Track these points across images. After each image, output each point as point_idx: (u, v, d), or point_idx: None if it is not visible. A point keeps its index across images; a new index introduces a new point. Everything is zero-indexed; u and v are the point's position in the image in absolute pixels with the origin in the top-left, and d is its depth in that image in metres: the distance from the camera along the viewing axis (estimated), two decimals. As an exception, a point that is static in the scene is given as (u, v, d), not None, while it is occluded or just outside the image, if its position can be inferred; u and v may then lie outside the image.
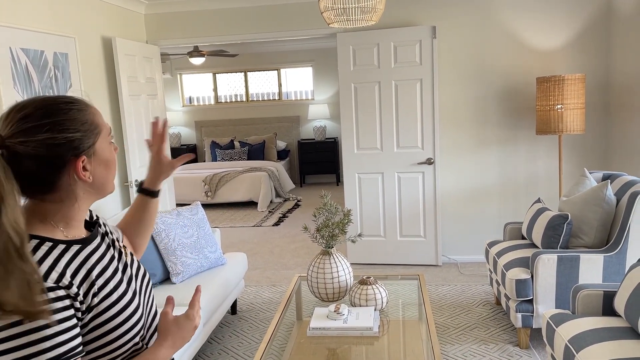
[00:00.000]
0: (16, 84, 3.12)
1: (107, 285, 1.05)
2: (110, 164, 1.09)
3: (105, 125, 1.09)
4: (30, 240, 0.98)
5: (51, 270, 0.96)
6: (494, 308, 3.75)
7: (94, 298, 1.01)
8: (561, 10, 4.36)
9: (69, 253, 1.02)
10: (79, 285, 0.99)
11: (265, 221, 6.84)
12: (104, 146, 1.08)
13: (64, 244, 1.02)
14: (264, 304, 4.06)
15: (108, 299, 1.03)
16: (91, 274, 1.03)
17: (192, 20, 4.83)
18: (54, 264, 0.97)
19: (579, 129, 4.02)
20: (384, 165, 4.70)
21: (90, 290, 1.01)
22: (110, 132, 1.11)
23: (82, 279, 1.01)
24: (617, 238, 2.97)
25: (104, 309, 1.02)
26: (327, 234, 2.97)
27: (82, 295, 0.99)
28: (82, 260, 1.03)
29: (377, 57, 4.54)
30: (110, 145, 1.10)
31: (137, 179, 4.34)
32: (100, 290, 1.03)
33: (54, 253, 0.99)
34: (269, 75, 9.51)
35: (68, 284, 0.97)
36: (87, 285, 1.01)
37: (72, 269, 1.00)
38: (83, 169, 1.03)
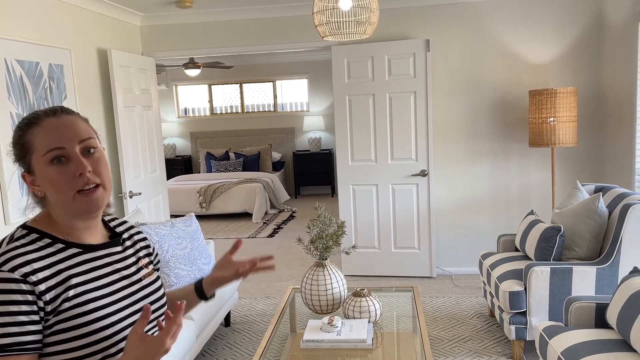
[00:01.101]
0: (10, 95, 3.12)
1: (86, 294, 1.05)
2: (53, 184, 1.05)
3: (41, 144, 1.05)
4: (32, 233, 1.06)
5: (26, 264, 0.99)
6: (488, 320, 3.75)
7: (65, 302, 1.02)
8: (553, 24, 4.42)
9: (61, 254, 1.05)
10: (51, 287, 1.01)
11: (259, 232, 6.83)
12: (39, 167, 1.06)
13: (63, 244, 1.07)
14: (258, 316, 4.04)
15: (81, 307, 1.03)
16: (71, 279, 1.04)
17: (187, 32, 4.86)
18: (35, 260, 1.01)
19: (571, 141, 4.06)
20: (378, 177, 4.71)
21: (63, 294, 1.02)
22: (47, 152, 1.05)
23: (59, 282, 1.03)
24: (610, 250, 2.98)
25: (73, 316, 1.02)
26: (321, 246, 2.97)
27: (51, 297, 1.00)
28: (70, 265, 1.05)
29: (372, 69, 4.58)
30: (51, 165, 1.05)
31: (132, 190, 4.33)
32: (76, 297, 1.03)
33: (45, 250, 1.04)
34: (264, 86, 9.55)
35: (36, 281, 0.99)
36: (61, 289, 1.02)
37: (54, 269, 1.03)
38: (32, 182, 1.09)
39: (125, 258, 1.18)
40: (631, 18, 3.85)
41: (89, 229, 1.13)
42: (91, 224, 1.13)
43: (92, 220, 1.13)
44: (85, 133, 1.09)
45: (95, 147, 1.10)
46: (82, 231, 1.12)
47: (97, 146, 1.11)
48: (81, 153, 1.07)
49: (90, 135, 1.10)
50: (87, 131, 1.10)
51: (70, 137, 1.06)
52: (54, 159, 1.04)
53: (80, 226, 1.11)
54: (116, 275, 1.13)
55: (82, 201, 1.06)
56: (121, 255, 1.18)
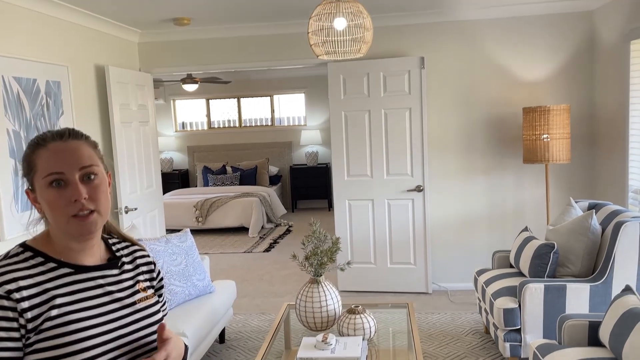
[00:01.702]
0: (7, 111, 3.14)
1: (70, 315, 1.06)
2: (48, 206, 1.08)
3: (43, 167, 1.08)
4: (26, 251, 1.10)
5: (12, 281, 1.02)
6: (484, 337, 3.74)
7: (47, 322, 1.03)
8: (546, 42, 4.47)
9: (51, 273, 1.08)
10: (34, 305, 1.03)
11: (256, 247, 6.83)
12: (39, 187, 1.10)
13: (56, 263, 1.09)
14: (253, 332, 4.03)
15: (63, 327, 1.04)
16: (56, 299, 1.06)
17: (185, 49, 4.91)
18: (22, 277, 1.03)
19: (564, 158, 4.09)
20: (374, 192, 4.73)
21: (45, 313, 1.03)
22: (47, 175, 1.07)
23: (44, 301, 1.04)
24: (603, 267, 3.00)
25: (54, 335, 1.03)
26: (315, 262, 2.97)
27: (33, 315, 1.02)
28: (58, 284, 1.07)
29: (367, 86, 4.62)
30: (50, 189, 1.07)
31: (127, 206, 4.34)
32: (59, 317, 1.05)
33: (35, 268, 1.06)
34: (261, 101, 9.60)
35: (20, 299, 1.01)
36: (44, 308, 1.04)
37: (40, 288, 1.05)
38: (34, 199, 1.13)
39: (120, 281, 1.18)
40: (623, 37, 3.90)
41: (85, 250, 1.14)
42: (86, 246, 1.14)
43: (86, 242, 1.14)
44: (87, 160, 1.11)
45: (96, 174, 1.12)
46: (78, 252, 1.13)
47: (98, 173, 1.12)
48: (80, 179, 1.09)
49: (92, 163, 1.12)
50: (90, 158, 1.12)
51: (72, 163, 1.08)
52: (53, 182, 1.07)
53: (76, 247, 1.13)
54: (107, 298, 1.13)
55: (76, 225, 1.08)
56: (116, 278, 1.18)
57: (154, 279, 1.29)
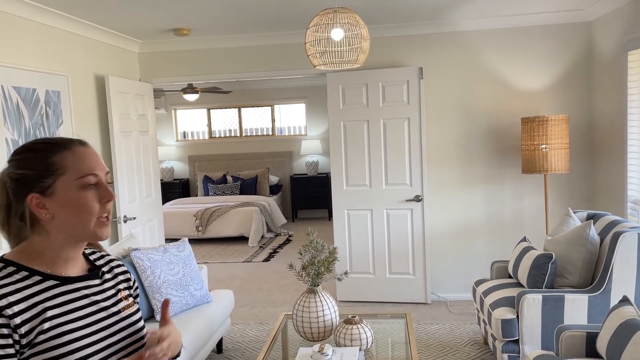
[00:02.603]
0: (7, 121, 3.16)
1: (61, 326, 1.06)
2: (79, 208, 1.08)
3: (76, 168, 1.09)
4: (9, 266, 1.06)
5: (2, 298, 1.01)
6: (482, 348, 3.72)
7: (40, 335, 1.03)
8: (544, 53, 4.49)
9: (38, 286, 1.06)
10: (26, 320, 1.02)
11: (255, 257, 6.81)
12: (68, 189, 1.09)
13: (41, 276, 1.08)
14: (251, 342, 4.01)
15: (56, 339, 1.04)
16: (47, 312, 1.05)
17: (185, 59, 4.93)
18: (11, 293, 1.02)
19: (563, 168, 4.09)
20: (373, 201, 4.73)
21: (38, 327, 1.03)
22: (82, 176, 1.09)
23: (35, 314, 1.04)
24: (601, 278, 2.98)
25: (48, 348, 1.03)
26: (312, 272, 2.97)
27: (26, 330, 1.02)
28: (46, 297, 1.07)
29: (366, 96, 4.63)
30: (83, 190, 1.09)
31: (126, 215, 4.34)
32: (51, 329, 1.04)
33: (21, 282, 1.04)
34: (262, 111, 9.64)
35: (12, 315, 1.00)
36: (37, 322, 1.03)
37: (30, 302, 1.04)
38: (39, 206, 1.08)
39: (103, 290, 1.19)
40: (620, 47, 3.91)
41: (71, 260, 1.15)
42: (76, 254, 1.15)
43: (81, 248, 1.16)
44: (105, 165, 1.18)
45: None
46: (65, 262, 1.13)
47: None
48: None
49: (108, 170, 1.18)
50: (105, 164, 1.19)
51: (101, 167, 1.14)
52: (88, 184, 1.10)
53: (68, 256, 1.13)
54: (94, 307, 1.14)
55: (100, 228, 1.12)
56: (100, 287, 1.19)
57: (131, 288, 1.31)
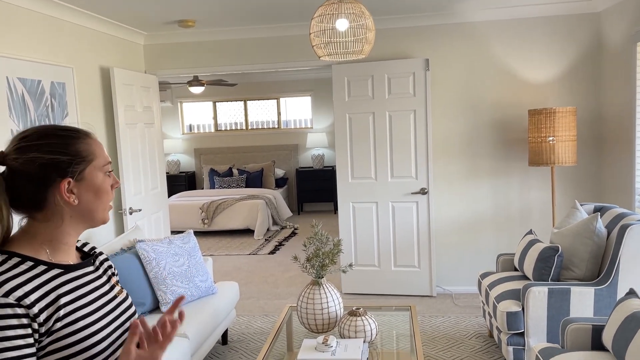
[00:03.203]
0: (12, 112, 3.17)
1: (75, 313, 1.08)
2: (101, 193, 1.14)
3: (102, 156, 1.15)
4: (13, 257, 1.05)
5: (17, 288, 1.01)
6: (487, 341, 3.71)
7: (57, 323, 1.04)
8: (552, 44, 4.44)
9: (46, 275, 1.07)
10: (43, 308, 1.03)
11: (261, 249, 6.82)
12: (96, 175, 1.13)
13: (46, 265, 1.08)
14: (256, 334, 4.02)
15: (72, 325, 1.06)
16: (60, 299, 1.06)
17: (190, 51, 4.92)
18: (24, 283, 1.02)
19: (570, 160, 4.05)
20: (378, 194, 4.71)
21: (54, 314, 1.04)
22: (106, 164, 1.16)
23: (50, 302, 1.04)
24: (608, 271, 2.96)
25: (65, 335, 1.05)
26: (317, 264, 2.96)
27: (44, 318, 1.02)
28: (56, 285, 1.08)
29: (372, 88, 4.61)
30: (106, 177, 1.15)
31: (132, 207, 4.35)
32: (66, 316, 1.06)
33: (30, 272, 1.05)
34: (268, 104, 9.62)
35: (30, 304, 1.01)
36: (52, 310, 1.04)
37: (43, 291, 1.04)
38: (68, 191, 1.09)
39: (99, 277, 1.21)
40: (629, 39, 3.86)
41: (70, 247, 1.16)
42: (74, 241, 1.17)
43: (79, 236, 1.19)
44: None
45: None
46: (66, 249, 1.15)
47: None
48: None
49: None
50: None
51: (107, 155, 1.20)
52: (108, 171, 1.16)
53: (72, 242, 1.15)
54: (95, 293, 1.16)
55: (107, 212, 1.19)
56: (95, 274, 1.21)
57: (115, 275, 1.32)
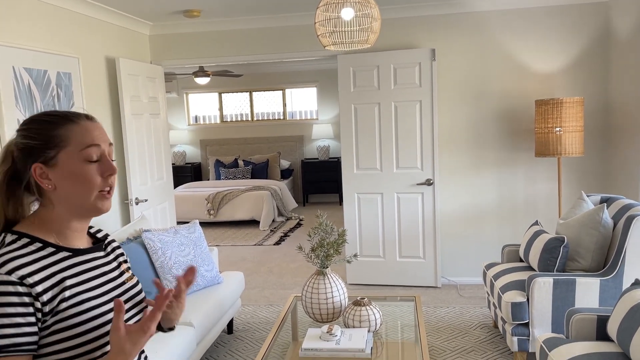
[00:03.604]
0: (18, 102, 3.18)
1: (81, 295, 1.09)
2: (81, 180, 1.10)
3: (79, 141, 1.10)
4: (22, 238, 1.08)
5: (22, 267, 1.02)
6: (492, 331, 3.71)
7: (62, 303, 1.05)
8: (560, 33, 4.40)
9: (53, 257, 1.09)
10: (47, 288, 1.04)
11: (266, 240, 6.84)
12: (70, 161, 1.10)
13: (54, 247, 1.10)
14: (261, 323, 4.04)
15: (78, 306, 1.07)
16: (66, 281, 1.08)
17: (196, 41, 4.92)
18: (30, 263, 1.04)
19: (577, 151, 4.03)
20: (384, 185, 4.71)
21: (59, 295, 1.05)
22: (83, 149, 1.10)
23: (55, 283, 1.06)
24: (614, 262, 2.95)
25: (70, 315, 1.06)
26: (321, 254, 2.97)
27: (48, 298, 1.03)
28: (63, 267, 1.09)
29: (377, 78, 4.59)
30: (85, 163, 1.10)
31: (138, 197, 4.37)
32: (72, 297, 1.07)
33: (37, 253, 1.07)
34: (274, 95, 9.61)
35: (33, 283, 1.02)
36: (57, 290, 1.05)
37: (49, 272, 1.06)
38: (41, 176, 1.10)
39: (109, 262, 1.23)
40: (639, 28, 3.82)
41: (78, 232, 1.17)
42: (83, 227, 1.18)
43: (87, 221, 1.18)
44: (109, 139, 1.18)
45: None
46: (73, 234, 1.16)
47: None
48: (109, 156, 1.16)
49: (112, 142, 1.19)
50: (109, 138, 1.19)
51: (104, 139, 1.15)
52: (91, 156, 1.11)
53: (75, 227, 1.15)
54: (103, 278, 1.18)
55: (101, 202, 1.13)
56: (105, 259, 1.22)
57: (127, 261, 1.33)
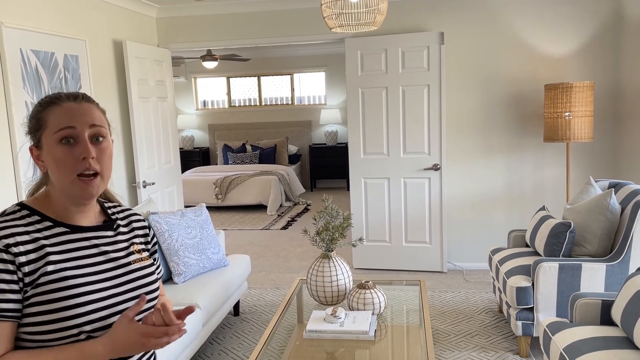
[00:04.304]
0: (26, 84, 3.19)
1: (65, 271, 1.09)
2: (57, 162, 1.09)
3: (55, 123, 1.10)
4: (23, 209, 1.12)
5: (10, 236, 1.05)
6: (497, 316, 3.72)
7: (43, 277, 1.06)
8: (571, 17, 4.34)
9: (46, 231, 1.11)
10: (31, 261, 1.06)
11: (273, 224, 6.87)
12: (49, 142, 1.10)
13: (52, 222, 1.12)
14: (267, 306, 4.08)
15: (58, 283, 1.07)
16: (50, 256, 1.08)
17: (203, 24, 4.90)
18: (20, 233, 1.07)
19: (587, 136, 3.99)
20: (390, 170, 4.70)
21: (41, 269, 1.07)
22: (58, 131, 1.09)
23: (40, 257, 1.07)
24: (620, 247, 2.93)
25: (49, 290, 1.06)
26: (327, 238, 2.98)
27: (29, 270, 1.05)
28: (52, 242, 1.10)
29: (385, 62, 4.55)
30: (59, 145, 1.09)
31: (145, 180, 4.40)
32: (55, 272, 1.08)
33: (31, 226, 1.10)
34: (282, 79, 9.58)
35: (17, 253, 1.04)
36: (40, 264, 1.07)
37: (37, 244, 1.08)
38: (36, 157, 1.14)
39: (115, 242, 1.21)
40: (651, 11, 3.75)
41: (82, 213, 1.18)
42: (83, 209, 1.18)
43: (84, 206, 1.17)
44: (98, 120, 1.14)
45: (104, 137, 1.14)
46: (75, 213, 1.16)
47: (106, 136, 1.15)
48: (90, 139, 1.12)
49: (101, 124, 1.14)
50: (100, 119, 1.14)
51: (84, 121, 1.11)
52: (63, 138, 1.09)
53: (74, 209, 1.16)
54: (102, 257, 1.17)
55: (79, 187, 1.10)
56: (112, 239, 1.21)
57: (148, 243, 1.32)
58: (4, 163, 3.09)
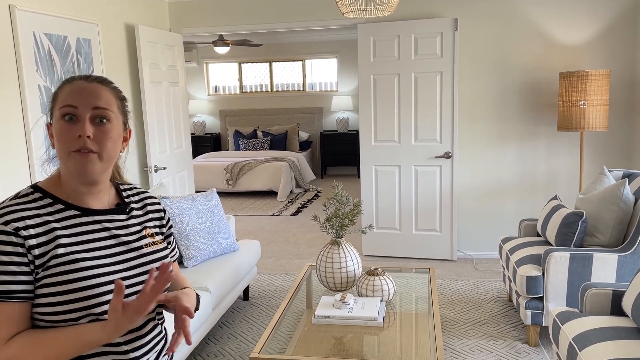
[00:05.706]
0: (39, 67, 3.21)
1: (76, 254, 1.10)
2: (57, 137, 1.11)
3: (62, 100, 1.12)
4: (36, 192, 1.13)
5: (20, 220, 1.06)
6: (506, 304, 3.71)
7: (53, 259, 1.07)
8: (587, 4, 4.26)
9: (58, 214, 1.12)
10: (41, 243, 1.07)
11: (284, 211, 6.89)
12: (56, 118, 1.13)
13: (64, 205, 1.13)
14: (276, 291, 4.11)
15: (69, 265, 1.08)
16: (61, 239, 1.09)
17: (215, 8, 4.88)
18: (30, 217, 1.08)
19: (601, 126, 3.93)
20: (401, 158, 4.68)
21: (51, 251, 1.08)
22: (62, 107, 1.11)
23: (50, 239, 1.08)
24: (633, 238, 2.90)
25: (59, 272, 1.07)
26: (336, 224, 2.98)
27: (39, 252, 1.06)
28: (64, 225, 1.11)
29: (398, 48, 4.51)
30: (61, 121, 1.11)
31: (157, 165, 4.42)
32: (66, 255, 1.09)
33: (43, 209, 1.11)
34: (293, 65, 9.53)
35: (27, 236, 1.06)
36: (51, 246, 1.08)
37: (47, 227, 1.09)
38: (50, 134, 1.16)
39: (128, 226, 1.21)
40: (671, -3, 3.67)
41: (93, 195, 1.17)
42: (92, 190, 1.17)
43: (91, 186, 1.16)
44: (104, 103, 1.12)
45: (108, 120, 1.12)
46: (86, 195, 1.16)
47: (111, 119, 1.13)
48: (92, 119, 1.11)
49: (107, 107, 1.12)
50: (107, 102, 1.13)
51: (87, 101, 1.10)
52: (66, 115, 1.10)
53: (83, 190, 1.16)
54: (113, 241, 1.17)
55: (74, 160, 1.10)
56: (124, 223, 1.21)
57: (163, 226, 1.32)
58: (19, 145, 3.12)
